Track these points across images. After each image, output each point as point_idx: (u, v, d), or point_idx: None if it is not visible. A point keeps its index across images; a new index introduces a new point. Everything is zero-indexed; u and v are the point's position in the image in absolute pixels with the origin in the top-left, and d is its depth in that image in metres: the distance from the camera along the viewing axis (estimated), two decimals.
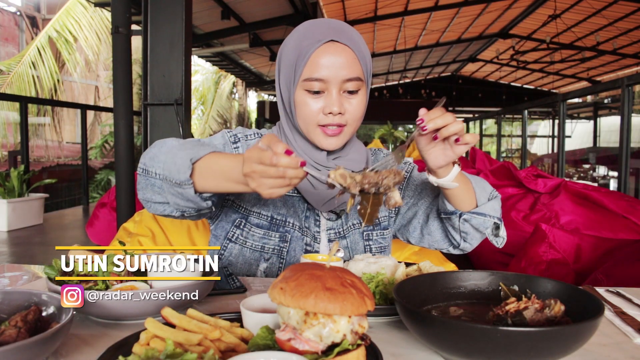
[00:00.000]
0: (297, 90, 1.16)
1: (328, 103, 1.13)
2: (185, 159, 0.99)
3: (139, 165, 1.09)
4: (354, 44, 1.15)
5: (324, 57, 1.12)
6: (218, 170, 0.99)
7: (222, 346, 0.64)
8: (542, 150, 21.20)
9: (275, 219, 1.23)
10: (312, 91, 1.13)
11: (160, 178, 1.04)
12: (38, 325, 0.70)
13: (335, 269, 0.65)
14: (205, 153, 1.01)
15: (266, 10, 8.66)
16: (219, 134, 1.26)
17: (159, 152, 1.06)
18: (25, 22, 13.85)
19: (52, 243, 4.43)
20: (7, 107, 10.24)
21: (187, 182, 0.99)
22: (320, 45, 1.12)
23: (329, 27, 1.15)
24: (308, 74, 1.13)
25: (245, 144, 1.25)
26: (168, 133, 4.02)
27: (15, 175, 4.83)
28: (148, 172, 1.06)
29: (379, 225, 1.30)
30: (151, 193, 1.08)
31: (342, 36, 1.13)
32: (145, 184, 1.08)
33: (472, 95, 23.12)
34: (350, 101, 1.15)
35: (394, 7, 11.70)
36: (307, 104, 1.14)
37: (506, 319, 0.75)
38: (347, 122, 1.16)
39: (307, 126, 1.17)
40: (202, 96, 18.32)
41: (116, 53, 4.13)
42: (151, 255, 0.98)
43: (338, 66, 1.12)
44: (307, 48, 1.13)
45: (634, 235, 2.68)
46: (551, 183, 3.37)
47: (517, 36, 15.40)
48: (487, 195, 1.17)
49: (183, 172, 0.98)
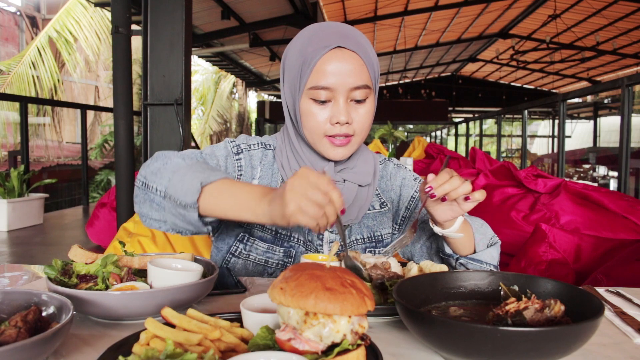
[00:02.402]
0: (302, 99, 1.11)
1: (335, 113, 1.09)
2: (194, 181, 0.95)
3: (138, 177, 1.04)
4: (361, 49, 1.10)
5: (330, 64, 1.07)
6: (231, 199, 0.94)
7: (222, 346, 0.64)
8: (542, 150, 21.22)
9: (280, 234, 1.20)
10: (319, 100, 1.09)
11: (161, 195, 0.99)
12: (38, 325, 0.70)
13: (335, 269, 0.65)
14: (216, 178, 0.96)
15: (266, 10, 8.66)
16: (222, 144, 1.22)
17: (164, 169, 1.01)
18: (25, 22, 13.85)
19: (52, 243, 4.43)
20: (7, 107, 10.24)
21: (193, 206, 0.94)
22: (327, 51, 1.08)
23: (335, 32, 1.10)
24: (314, 82, 1.08)
25: (249, 155, 1.21)
26: (168, 133, 4.02)
27: (15, 175, 4.83)
28: (148, 187, 1.01)
29: (381, 242, 1.28)
30: (149, 209, 1.02)
31: (349, 42, 1.09)
32: (144, 198, 1.02)
33: (472, 95, 23.13)
34: (358, 110, 1.11)
35: (394, 7, 11.70)
36: (313, 113, 1.10)
37: (506, 319, 0.75)
38: (354, 132, 1.12)
39: (313, 136, 1.13)
40: (202, 96, 18.32)
41: (116, 53, 4.13)
42: (151, 256, 0.98)
43: (345, 74, 1.07)
44: (313, 54, 1.08)
45: (634, 235, 2.68)
46: (551, 183, 3.37)
47: (517, 36, 15.41)
48: (487, 242, 1.18)
49: (191, 194, 0.94)
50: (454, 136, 14.46)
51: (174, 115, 3.97)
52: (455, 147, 13.97)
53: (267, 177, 1.21)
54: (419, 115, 19.01)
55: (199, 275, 0.91)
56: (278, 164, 1.22)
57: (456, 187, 0.98)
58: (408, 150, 7.01)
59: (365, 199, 1.23)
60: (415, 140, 7.11)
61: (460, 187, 0.98)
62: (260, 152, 1.24)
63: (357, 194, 1.21)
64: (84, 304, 0.80)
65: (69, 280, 0.89)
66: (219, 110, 18.49)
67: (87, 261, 0.92)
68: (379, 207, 1.29)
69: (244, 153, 1.21)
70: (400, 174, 1.34)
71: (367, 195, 1.23)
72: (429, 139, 18.39)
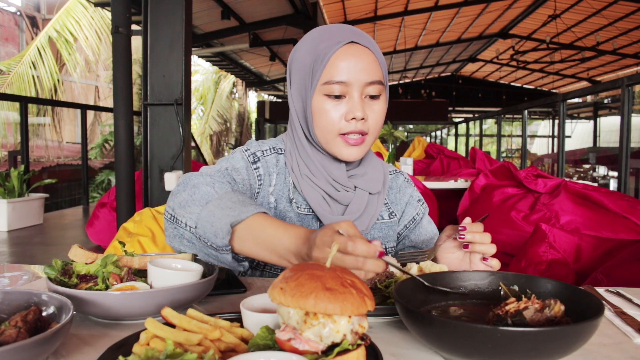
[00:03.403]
0: (314, 97, 1.09)
1: (350, 108, 1.06)
2: (225, 222, 0.89)
3: (166, 209, 0.99)
4: (373, 46, 1.10)
5: (345, 58, 1.06)
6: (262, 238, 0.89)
7: (222, 346, 0.64)
8: (542, 150, 21.22)
9: None
10: (333, 95, 1.07)
11: (191, 232, 0.94)
12: (38, 325, 0.70)
13: (335, 269, 0.65)
14: (247, 215, 0.90)
15: (266, 10, 8.66)
16: (237, 155, 1.16)
17: (192, 201, 0.95)
18: (25, 22, 13.84)
19: (52, 243, 4.43)
20: (7, 107, 10.24)
21: (225, 248, 0.91)
22: (341, 46, 1.06)
23: (347, 30, 1.10)
24: (328, 77, 1.06)
25: (265, 162, 1.18)
26: (168, 133, 4.02)
27: (15, 175, 4.83)
28: (177, 221, 0.96)
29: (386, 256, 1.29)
30: (180, 244, 0.98)
31: (362, 38, 1.08)
32: (174, 234, 0.98)
33: (472, 95, 23.13)
34: (373, 107, 1.10)
35: (394, 7, 11.70)
36: (327, 110, 1.08)
37: (506, 319, 0.75)
38: (368, 130, 1.10)
39: (326, 136, 1.10)
40: (202, 96, 18.32)
41: (116, 53, 4.13)
42: (151, 256, 0.98)
43: (360, 68, 1.06)
44: (326, 50, 1.07)
45: (634, 235, 2.68)
46: (551, 183, 3.37)
47: (517, 36, 15.41)
48: None
49: (221, 237, 0.90)
50: (454, 136, 14.46)
51: (174, 115, 3.97)
52: (455, 147, 13.97)
53: (280, 183, 1.20)
54: (419, 115, 18.99)
55: (199, 275, 0.90)
56: (288, 167, 1.19)
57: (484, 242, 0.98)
58: (408, 150, 7.01)
59: (375, 208, 1.20)
60: (415, 140, 7.11)
61: (487, 244, 0.98)
62: (274, 158, 1.21)
63: (368, 202, 1.19)
64: (84, 304, 0.80)
65: (69, 280, 0.89)
66: (219, 110, 18.49)
67: (87, 261, 0.92)
68: (388, 217, 1.27)
69: (260, 161, 1.18)
70: (408, 190, 1.32)
71: (377, 204, 1.21)
72: (429, 139, 18.39)
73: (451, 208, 4.19)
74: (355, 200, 1.17)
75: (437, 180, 4.60)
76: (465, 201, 3.92)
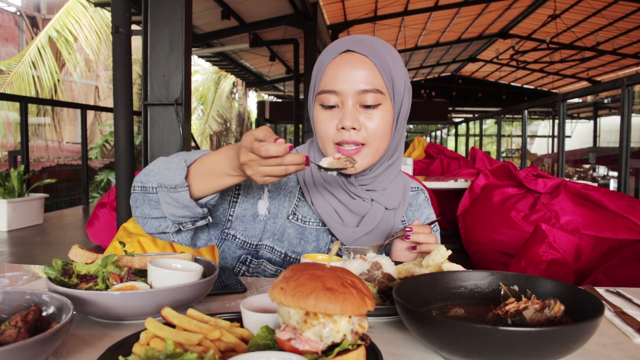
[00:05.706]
0: (314, 106, 1.10)
1: (341, 117, 1.05)
2: (179, 162, 0.98)
3: (133, 184, 1.06)
4: (375, 53, 1.06)
5: (338, 67, 1.05)
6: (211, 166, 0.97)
7: (222, 346, 0.64)
8: (542, 150, 21.23)
9: (289, 257, 1.17)
10: (327, 105, 1.06)
11: (156, 190, 1.01)
12: (38, 325, 0.70)
13: (335, 269, 0.65)
14: (198, 156, 1.00)
15: (266, 10, 8.66)
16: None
17: (153, 166, 1.05)
18: (25, 22, 13.84)
19: (52, 243, 4.43)
20: (7, 107, 10.24)
21: (183, 185, 0.96)
22: (336, 56, 1.06)
23: (349, 39, 1.08)
24: (322, 86, 1.07)
25: None
26: (168, 133, 4.02)
27: (15, 175, 4.83)
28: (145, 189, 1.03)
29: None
30: (148, 208, 1.04)
31: (360, 46, 1.06)
32: (143, 200, 1.04)
33: (472, 95, 23.12)
34: (371, 116, 1.06)
35: (394, 7, 11.69)
36: (321, 120, 1.08)
37: (506, 319, 0.75)
38: (365, 140, 1.06)
39: (324, 144, 1.10)
40: (202, 96, 18.32)
41: (116, 53, 4.13)
42: (151, 256, 0.98)
43: (353, 77, 1.04)
44: (324, 61, 1.08)
45: (634, 235, 2.68)
46: (551, 183, 3.37)
47: (517, 36, 15.41)
48: None
49: (178, 174, 0.97)
50: (454, 136, 14.47)
51: (174, 115, 3.97)
52: (455, 147, 13.98)
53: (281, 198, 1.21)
54: (419, 115, 18.98)
55: (199, 275, 0.91)
56: (300, 178, 1.20)
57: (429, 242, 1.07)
58: (408, 150, 7.01)
59: (392, 224, 1.19)
60: (415, 140, 7.11)
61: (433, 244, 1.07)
62: None
63: (383, 216, 1.17)
64: (84, 304, 0.80)
65: (69, 280, 0.89)
66: (219, 110, 18.49)
67: (87, 261, 0.92)
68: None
69: None
70: (426, 211, 1.31)
71: (393, 220, 1.20)
72: (429, 139, 18.39)
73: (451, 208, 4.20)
74: (371, 212, 1.16)
75: (437, 180, 4.60)
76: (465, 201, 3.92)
